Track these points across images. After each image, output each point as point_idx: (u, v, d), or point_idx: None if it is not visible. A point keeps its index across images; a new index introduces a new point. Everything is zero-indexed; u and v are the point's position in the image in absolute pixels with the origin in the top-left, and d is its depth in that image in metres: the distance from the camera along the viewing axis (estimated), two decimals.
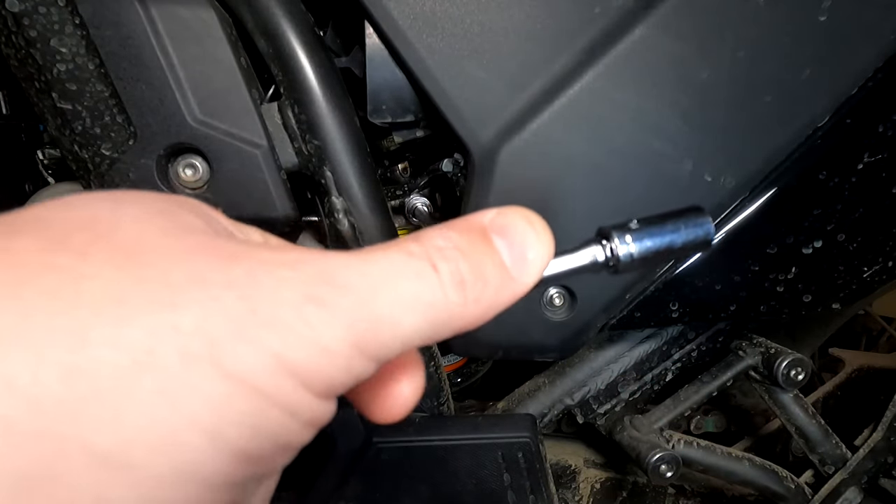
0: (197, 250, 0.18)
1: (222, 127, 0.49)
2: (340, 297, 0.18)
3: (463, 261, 0.21)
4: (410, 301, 0.20)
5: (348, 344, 0.18)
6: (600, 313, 0.57)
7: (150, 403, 0.15)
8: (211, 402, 0.16)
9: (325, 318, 0.18)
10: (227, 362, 0.16)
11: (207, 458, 0.16)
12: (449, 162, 0.60)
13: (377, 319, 0.19)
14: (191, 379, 0.16)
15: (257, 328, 0.17)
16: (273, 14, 0.49)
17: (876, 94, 0.52)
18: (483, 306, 0.22)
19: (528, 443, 0.54)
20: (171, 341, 0.15)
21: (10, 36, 0.46)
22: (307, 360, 0.18)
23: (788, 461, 0.84)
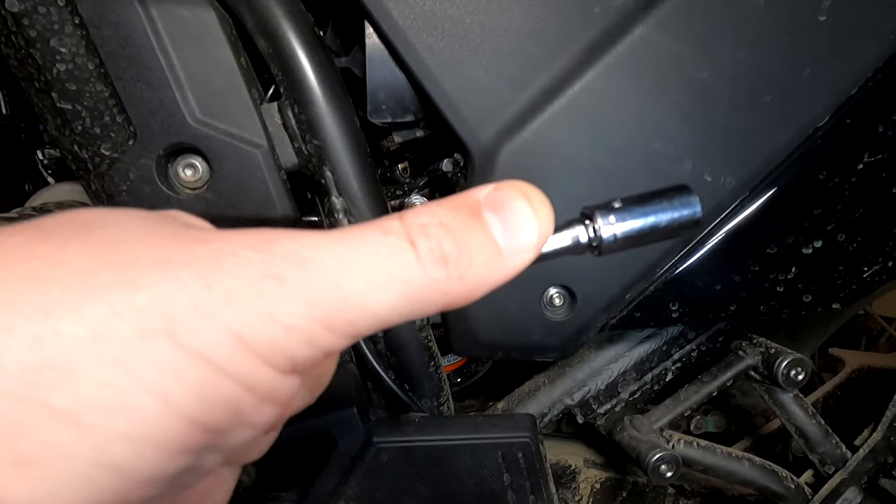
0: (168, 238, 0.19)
1: (222, 127, 0.49)
2: (304, 274, 0.19)
3: (446, 237, 0.21)
4: (383, 278, 0.20)
5: (311, 320, 0.19)
6: (600, 313, 0.57)
7: (106, 370, 0.16)
8: (165, 371, 0.17)
9: (284, 294, 0.18)
10: (182, 336, 0.17)
11: (161, 423, 0.17)
12: (449, 162, 0.60)
13: (344, 296, 0.19)
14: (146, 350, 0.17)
15: (213, 304, 0.18)
16: (273, 14, 0.49)
17: (876, 94, 0.52)
18: (469, 284, 0.21)
19: (528, 443, 0.54)
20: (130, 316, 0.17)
21: (10, 36, 0.46)
22: (265, 336, 0.18)
23: (788, 461, 0.84)
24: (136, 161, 0.49)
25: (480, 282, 0.21)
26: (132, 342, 0.17)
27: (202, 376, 0.17)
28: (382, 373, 0.55)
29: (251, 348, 0.18)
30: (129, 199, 0.49)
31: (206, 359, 0.17)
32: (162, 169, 0.49)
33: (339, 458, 0.53)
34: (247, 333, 0.18)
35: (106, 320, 0.16)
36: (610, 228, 0.24)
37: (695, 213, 0.25)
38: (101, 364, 0.16)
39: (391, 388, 0.56)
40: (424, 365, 0.58)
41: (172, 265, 0.18)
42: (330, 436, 0.53)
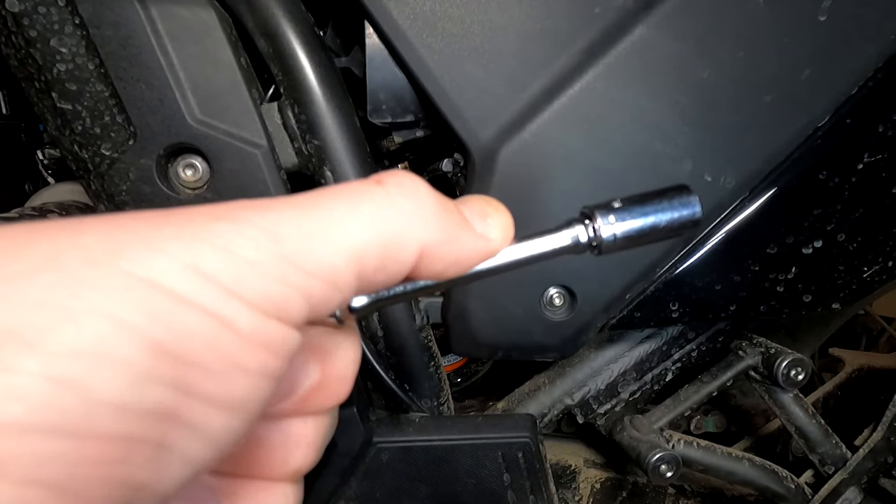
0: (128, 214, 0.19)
1: (222, 127, 0.49)
2: (260, 214, 0.19)
3: (419, 181, 0.22)
4: (347, 213, 0.20)
5: (275, 255, 0.19)
6: (600, 313, 0.57)
7: (47, 292, 0.16)
8: (110, 291, 0.17)
9: (239, 231, 0.18)
10: (129, 263, 0.17)
11: (113, 339, 0.17)
12: (449, 162, 0.61)
13: (307, 233, 0.19)
14: (90, 275, 0.17)
15: (164, 241, 0.18)
16: (273, 14, 0.49)
17: (876, 94, 0.52)
18: (445, 228, 0.22)
19: (528, 443, 0.54)
20: (74, 252, 0.17)
21: (10, 36, 0.46)
22: (226, 268, 0.18)
23: (788, 461, 0.84)
24: (136, 161, 0.49)
25: (453, 235, 0.22)
26: (74, 269, 0.17)
27: (158, 301, 0.17)
28: (382, 373, 0.55)
29: (213, 279, 0.18)
30: (129, 199, 0.50)
31: (160, 286, 0.17)
32: (162, 169, 0.49)
33: (339, 458, 0.53)
34: (205, 265, 0.18)
35: (49, 253, 0.17)
36: (610, 228, 0.24)
37: (695, 213, 0.25)
38: (42, 286, 0.16)
39: (391, 388, 0.56)
40: (424, 365, 0.58)
41: (120, 219, 0.18)
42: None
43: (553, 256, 0.24)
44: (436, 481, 0.54)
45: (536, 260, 0.24)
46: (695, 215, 0.25)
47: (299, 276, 0.19)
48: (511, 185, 0.52)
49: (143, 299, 0.17)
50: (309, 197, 0.20)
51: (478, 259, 0.23)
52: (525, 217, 0.52)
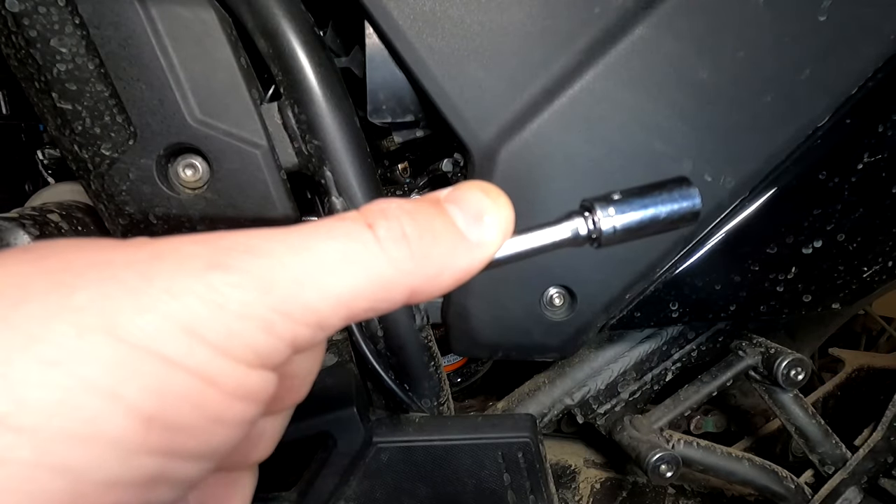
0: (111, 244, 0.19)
1: (222, 127, 0.49)
2: (252, 261, 0.18)
3: (406, 218, 0.21)
4: (338, 260, 0.19)
5: (264, 307, 0.18)
6: (600, 313, 0.57)
7: (42, 370, 0.16)
8: (106, 366, 0.16)
9: (231, 282, 0.18)
10: (122, 329, 0.17)
11: (109, 419, 0.16)
12: (449, 162, 0.61)
13: (297, 280, 0.19)
14: (84, 347, 0.16)
15: (155, 297, 0.17)
16: (273, 14, 0.49)
17: (876, 94, 0.52)
18: (435, 263, 0.21)
19: (528, 443, 0.54)
20: (65, 317, 0.16)
21: (10, 36, 0.46)
22: (216, 326, 0.18)
23: (788, 461, 0.84)
24: (136, 161, 0.49)
25: (448, 263, 0.21)
26: (69, 341, 0.16)
27: (151, 369, 0.17)
28: (382, 373, 0.55)
29: (202, 338, 0.18)
30: (129, 199, 0.50)
31: (152, 351, 0.17)
32: (162, 169, 0.49)
33: (339, 458, 0.53)
34: (195, 323, 0.17)
35: (40, 322, 0.16)
36: (609, 220, 0.24)
37: (694, 205, 0.24)
38: (36, 365, 0.16)
39: (391, 388, 0.56)
40: (424, 365, 0.58)
41: (110, 265, 0.18)
42: (330, 436, 0.53)
43: (553, 249, 0.24)
44: (436, 481, 0.54)
45: (536, 253, 0.24)
46: (695, 207, 0.24)
47: (288, 326, 0.19)
48: (511, 185, 0.52)
49: (137, 370, 0.17)
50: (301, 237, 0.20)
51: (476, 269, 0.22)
52: (525, 217, 0.52)
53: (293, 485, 0.54)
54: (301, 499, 0.52)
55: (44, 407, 0.16)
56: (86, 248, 0.19)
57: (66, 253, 0.18)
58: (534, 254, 0.24)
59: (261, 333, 0.18)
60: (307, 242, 0.19)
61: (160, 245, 0.19)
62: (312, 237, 0.20)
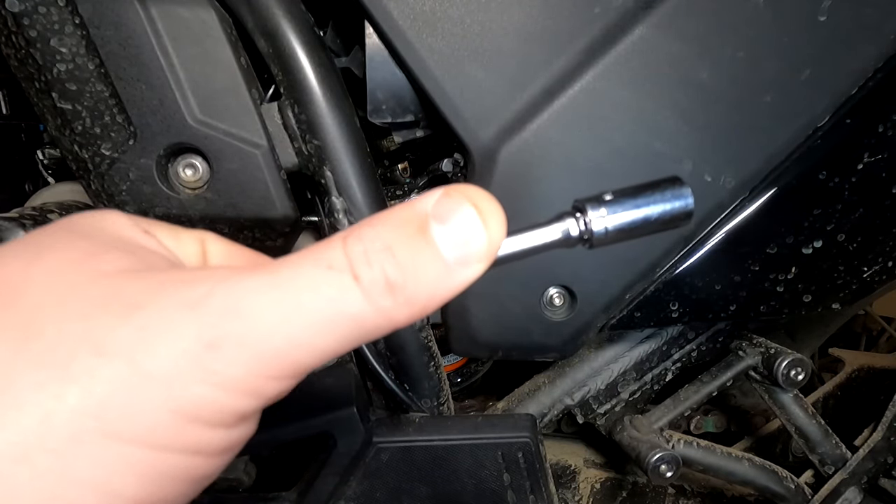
0: (96, 306, 0.18)
1: (222, 127, 0.49)
2: (243, 331, 0.18)
3: (390, 263, 0.20)
4: (330, 318, 0.19)
5: (255, 376, 0.19)
6: (600, 313, 0.57)
7: (40, 478, 0.16)
8: (103, 466, 0.17)
9: (225, 359, 0.18)
10: (119, 428, 0.17)
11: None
12: (449, 162, 0.60)
13: (291, 345, 0.19)
14: (82, 450, 0.16)
15: (150, 389, 0.17)
16: (273, 14, 0.49)
17: (876, 94, 0.52)
18: (419, 306, 0.21)
19: (528, 443, 0.54)
20: (59, 421, 0.16)
21: (10, 36, 0.46)
22: (211, 403, 0.18)
23: (788, 461, 0.84)
24: (136, 161, 0.49)
25: (428, 301, 0.21)
26: (64, 446, 0.16)
27: (146, 459, 0.17)
28: (382, 373, 0.55)
29: (196, 419, 0.18)
30: (129, 199, 0.50)
31: (148, 443, 0.17)
32: (162, 169, 0.49)
33: (339, 458, 0.53)
34: (189, 408, 0.18)
35: (35, 430, 0.16)
36: (601, 221, 0.23)
37: (687, 205, 0.24)
38: (34, 473, 0.16)
39: (391, 388, 0.56)
40: (424, 365, 0.58)
41: (101, 349, 0.17)
42: (330, 436, 0.53)
43: (544, 251, 0.24)
44: (436, 481, 0.54)
45: (527, 255, 0.23)
46: (687, 207, 0.24)
47: (274, 386, 0.19)
48: (511, 185, 0.52)
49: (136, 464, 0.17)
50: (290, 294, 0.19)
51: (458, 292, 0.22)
52: (524, 216, 0.52)
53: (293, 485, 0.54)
54: (301, 499, 0.52)
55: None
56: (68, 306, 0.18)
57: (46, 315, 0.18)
58: (525, 255, 0.23)
59: (249, 398, 0.19)
60: (297, 301, 0.19)
61: (146, 315, 0.18)
62: (301, 294, 0.19)
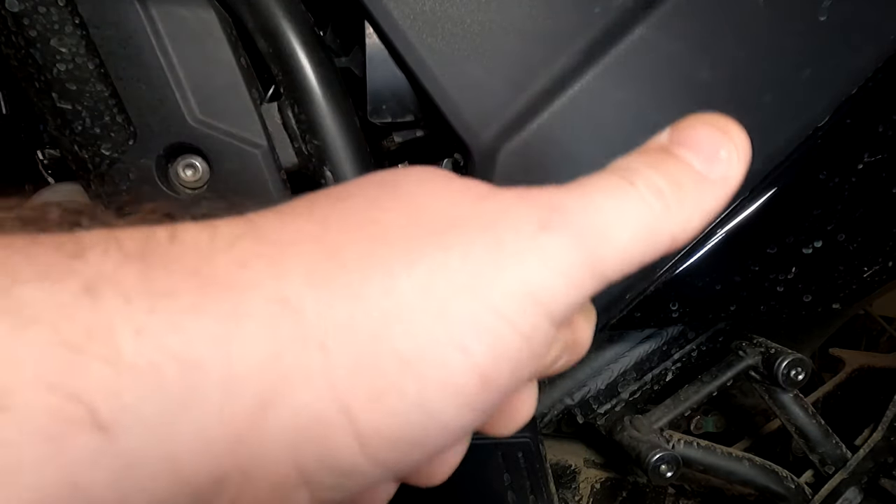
0: (458, 196, 0.21)
1: (222, 127, 0.49)
2: (569, 221, 0.20)
3: (655, 174, 0.22)
4: (622, 217, 0.20)
5: (581, 265, 0.19)
6: (600, 313, 0.57)
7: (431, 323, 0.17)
8: (468, 325, 0.18)
9: (560, 243, 0.19)
10: (482, 292, 0.18)
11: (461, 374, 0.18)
12: (449, 162, 0.60)
13: (602, 238, 0.20)
14: (455, 306, 0.18)
15: (504, 261, 0.18)
16: (273, 14, 0.49)
17: (876, 94, 0.52)
18: (687, 208, 0.22)
19: (528, 443, 0.54)
20: (445, 276, 0.18)
21: (10, 36, 0.46)
22: (550, 287, 0.19)
23: (788, 461, 0.83)
24: (136, 161, 0.49)
25: (698, 206, 0.22)
26: (447, 299, 0.18)
27: (495, 329, 0.18)
28: None
29: (539, 301, 0.19)
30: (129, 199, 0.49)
31: (500, 313, 0.18)
32: (162, 169, 0.49)
33: None
34: (534, 286, 0.18)
35: (428, 278, 0.18)
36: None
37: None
38: (427, 318, 0.17)
39: None
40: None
41: (466, 226, 0.19)
42: None
43: None
44: None
45: None
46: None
47: (592, 283, 0.20)
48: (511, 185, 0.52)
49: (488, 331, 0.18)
50: (590, 194, 0.21)
51: (723, 205, 0.23)
52: None
53: None
54: None
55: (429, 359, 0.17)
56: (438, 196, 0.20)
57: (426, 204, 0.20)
58: None
59: (575, 292, 0.20)
60: (602, 200, 0.21)
61: (494, 202, 0.20)
62: (604, 196, 0.21)
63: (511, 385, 0.19)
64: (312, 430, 0.16)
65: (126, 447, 0.14)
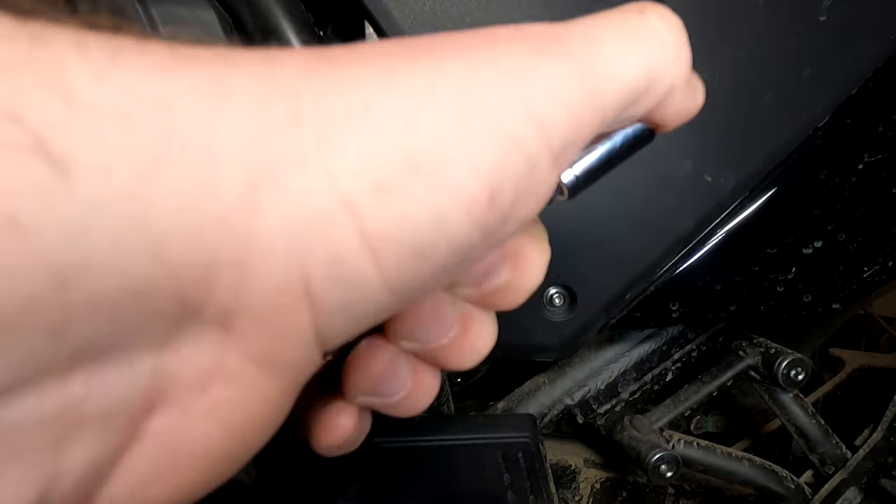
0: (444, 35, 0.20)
1: None
2: (567, 48, 0.19)
3: (665, 11, 0.21)
4: (625, 45, 0.20)
5: (581, 94, 0.19)
6: (600, 313, 0.57)
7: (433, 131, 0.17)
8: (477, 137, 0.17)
9: (558, 69, 0.18)
10: (488, 106, 0.17)
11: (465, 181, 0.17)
12: None
13: (602, 67, 0.19)
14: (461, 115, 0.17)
15: (505, 78, 0.18)
16: (273, 14, 0.49)
17: (876, 94, 0.52)
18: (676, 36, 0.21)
19: (528, 443, 0.54)
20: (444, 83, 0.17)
21: None
22: (549, 113, 0.18)
23: (788, 461, 0.84)
24: None
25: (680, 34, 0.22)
26: (450, 103, 0.17)
27: (501, 145, 0.17)
28: None
29: (539, 124, 0.18)
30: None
31: (504, 129, 0.17)
32: None
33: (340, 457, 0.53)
34: (534, 108, 0.18)
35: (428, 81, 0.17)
36: (569, 172, 0.23)
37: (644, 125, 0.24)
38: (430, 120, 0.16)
39: None
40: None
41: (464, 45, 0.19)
42: None
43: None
44: (436, 481, 0.54)
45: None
46: (646, 126, 0.24)
47: (588, 116, 0.19)
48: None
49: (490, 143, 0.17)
50: (593, 24, 0.20)
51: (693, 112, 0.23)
52: None
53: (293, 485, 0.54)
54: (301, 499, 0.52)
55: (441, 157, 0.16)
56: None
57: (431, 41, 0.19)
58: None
59: (574, 124, 0.19)
60: (596, 31, 0.20)
61: (487, 35, 0.20)
62: (599, 26, 0.20)
63: (513, 217, 0.18)
64: (312, 222, 0.15)
65: (86, 193, 0.12)
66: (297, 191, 0.15)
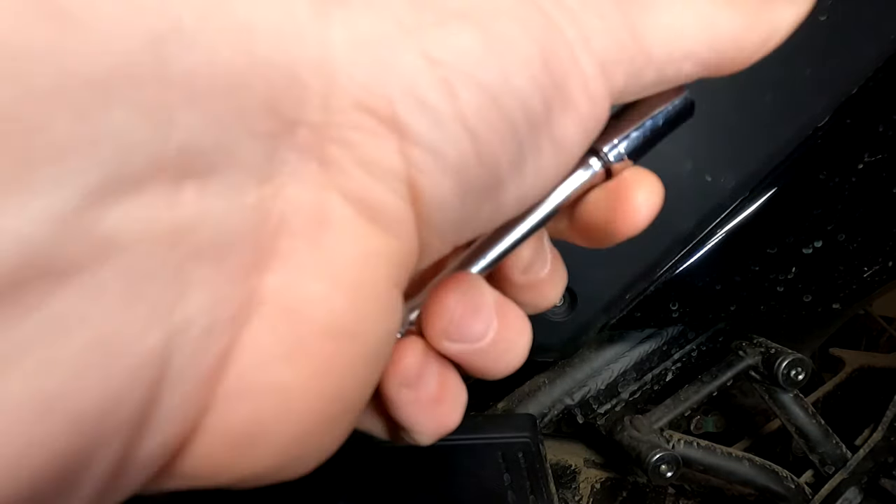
0: None
1: None
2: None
3: None
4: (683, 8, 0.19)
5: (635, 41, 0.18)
6: (600, 313, 0.57)
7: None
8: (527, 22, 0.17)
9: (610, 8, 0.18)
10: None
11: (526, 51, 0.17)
12: None
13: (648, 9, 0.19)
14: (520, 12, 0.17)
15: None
16: None
17: (876, 94, 0.52)
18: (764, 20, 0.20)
19: (528, 443, 0.54)
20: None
21: None
22: (604, 46, 0.18)
23: (788, 461, 0.84)
24: None
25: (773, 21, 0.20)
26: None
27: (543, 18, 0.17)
28: None
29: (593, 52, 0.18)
30: None
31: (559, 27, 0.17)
32: None
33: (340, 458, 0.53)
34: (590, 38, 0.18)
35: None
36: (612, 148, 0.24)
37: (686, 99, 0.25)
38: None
39: None
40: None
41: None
42: None
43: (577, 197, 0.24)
44: (436, 481, 0.54)
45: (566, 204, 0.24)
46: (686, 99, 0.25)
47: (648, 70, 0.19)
48: None
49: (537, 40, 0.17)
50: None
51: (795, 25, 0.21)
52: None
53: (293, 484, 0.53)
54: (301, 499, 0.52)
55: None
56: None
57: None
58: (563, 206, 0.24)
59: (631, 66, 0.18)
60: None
61: None
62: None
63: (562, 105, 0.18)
64: (380, 41, 0.15)
65: None
66: (360, 8, 0.15)
